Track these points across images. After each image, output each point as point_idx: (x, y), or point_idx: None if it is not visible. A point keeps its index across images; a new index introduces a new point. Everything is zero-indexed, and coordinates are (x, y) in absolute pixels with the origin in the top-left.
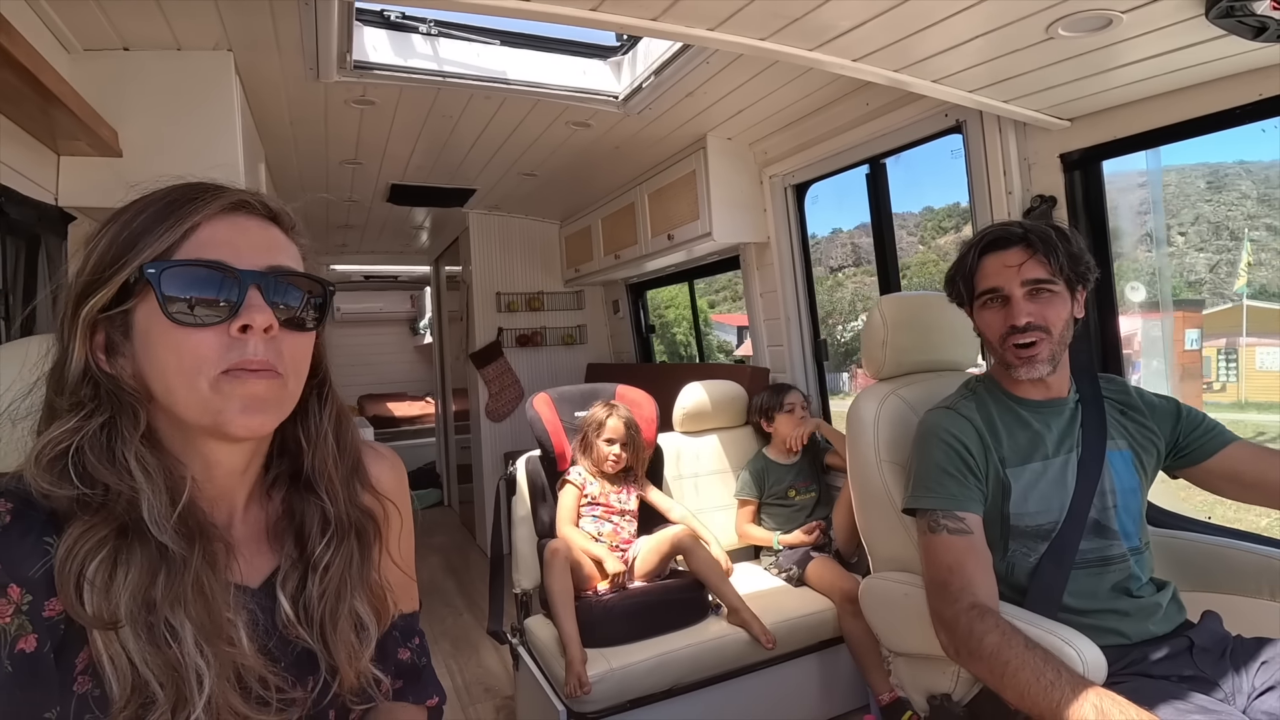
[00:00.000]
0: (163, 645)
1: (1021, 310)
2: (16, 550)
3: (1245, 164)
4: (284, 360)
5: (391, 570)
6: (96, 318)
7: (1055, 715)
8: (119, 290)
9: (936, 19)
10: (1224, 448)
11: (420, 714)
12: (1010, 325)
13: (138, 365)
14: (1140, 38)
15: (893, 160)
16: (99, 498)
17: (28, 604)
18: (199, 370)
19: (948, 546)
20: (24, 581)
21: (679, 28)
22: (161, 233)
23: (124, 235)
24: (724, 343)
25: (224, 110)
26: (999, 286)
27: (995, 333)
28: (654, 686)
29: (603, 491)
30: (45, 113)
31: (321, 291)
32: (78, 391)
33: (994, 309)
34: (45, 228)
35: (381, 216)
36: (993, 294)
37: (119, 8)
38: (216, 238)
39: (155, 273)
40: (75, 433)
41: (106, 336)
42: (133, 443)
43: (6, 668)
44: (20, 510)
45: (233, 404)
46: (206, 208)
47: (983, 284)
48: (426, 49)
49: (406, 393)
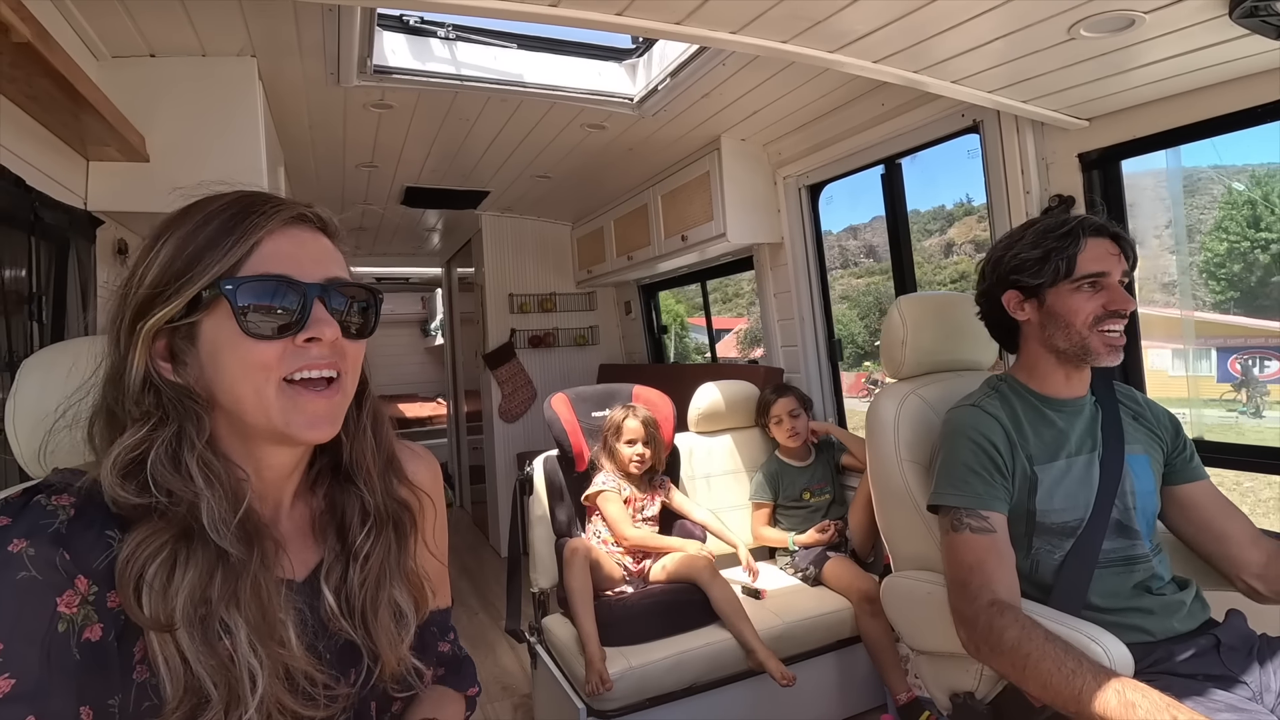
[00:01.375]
0: (217, 646)
1: (1123, 298)
2: (81, 542)
3: (1220, 168)
4: (345, 361)
5: (428, 560)
6: (161, 328)
7: (1078, 703)
8: (188, 303)
9: (957, 21)
10: (1195, 481)
11: (460, 701)
12: (1114, 310)
13: (204, 374)
14: (1162, 38)
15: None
16: (164, 504)
17: (94, 594)
18: (266, 378)
19: (970, 545)
20: (90, 573)
21: (703, 31)
22: (229, 247)
23: (189, 249)
24: (700, 344)
25: (247, 115)
26: (1106, 271)
27: (1085, 317)
28: (673, 685)
29: (632, 496)
30: (76, 118)
31: (372, 299)
32: (142, 400)
33: (1088, 293)
34: (75, 232)
35: (394, 219)
36: (1096, 278)
37: (147, 15)
38: (280, 251)
39: (232, 289)
40: (146, 442)
41: (169, 346)
42: (198, 449)
43: (75, 656)
44: (82, 505)
45: (301, 417)
46: (269, 221)
47: (1089, 266)
48: (444, 53)
49: (418, 394)
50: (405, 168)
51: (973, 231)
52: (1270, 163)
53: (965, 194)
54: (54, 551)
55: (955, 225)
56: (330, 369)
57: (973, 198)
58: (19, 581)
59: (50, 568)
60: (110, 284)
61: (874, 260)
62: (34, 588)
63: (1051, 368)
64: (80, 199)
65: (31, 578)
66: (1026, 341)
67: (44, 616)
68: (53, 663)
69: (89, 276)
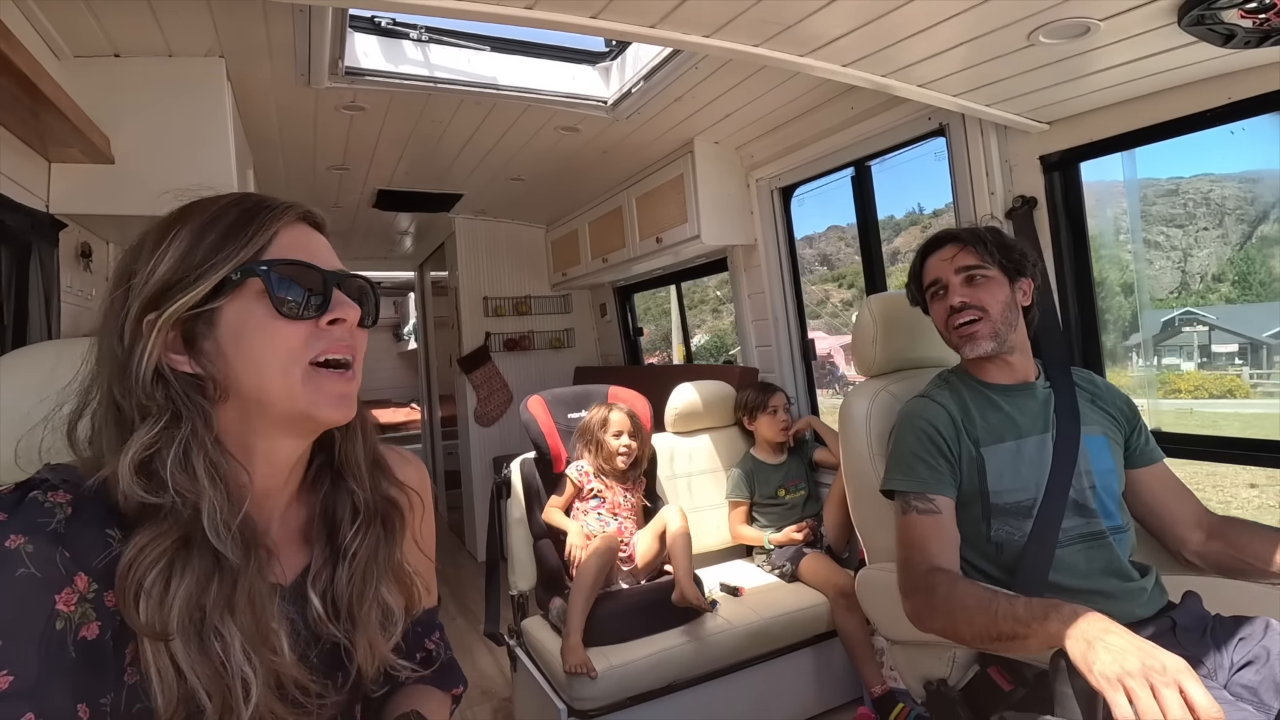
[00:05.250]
0: (212, 655)
1: (955, 294)
2: (81, 541)
3: (1177, 179)
4: (358, 347)
5: (416, 557)
6: (180, 317)
7: (995, 625)
8: (214, 288)
9: (923, 26)
10: (1152, 464)
11: (445, 699)
12: (949, 307)
13: (226, 360)
14: (1116, 44)
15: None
16: (169, 503)
17: (93, 592)
18: (293, 359)
19: (916, 525)
20: (90, 570)
21: (677, 34)
22: (251, 234)
23: (210, 238)
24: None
25: (215, 117)
26: (939, 278)
27: (942, 320)
28: (654, 683)
29: (607, 487)
30: (37, 118)
31: (373, 292)
32: (153, 394)
33: (939, 300)
34: (37, 235)
35: (366, 222)
36: (935, 285)
37: (111, 14)
38: (295, 243)
39: (266, 269)
40: (159, 439)
41: (183, 336)
42: (206, 446)
43: (71, 654)
44: (80, 502)
45: (324, 398)
46: (284, 215)
47: (926, 278)
48: (417, 55)
49: (391, 400)
50: (377, 170)
51: (916, 240)
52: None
53: (917, 203)
54: (53, 549)
55: (901, 235)
56: (349, 352)
57: (924, 207)
58: (17, 579)
59: (49, 565)
60: (74, 288)
61: (827, 268)
62: (33, 585)
63: (984, 361)
64: (42, 201)
65: (30, 574)
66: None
67: (42, 614)
68: (50, 660)
69: (52, 280)
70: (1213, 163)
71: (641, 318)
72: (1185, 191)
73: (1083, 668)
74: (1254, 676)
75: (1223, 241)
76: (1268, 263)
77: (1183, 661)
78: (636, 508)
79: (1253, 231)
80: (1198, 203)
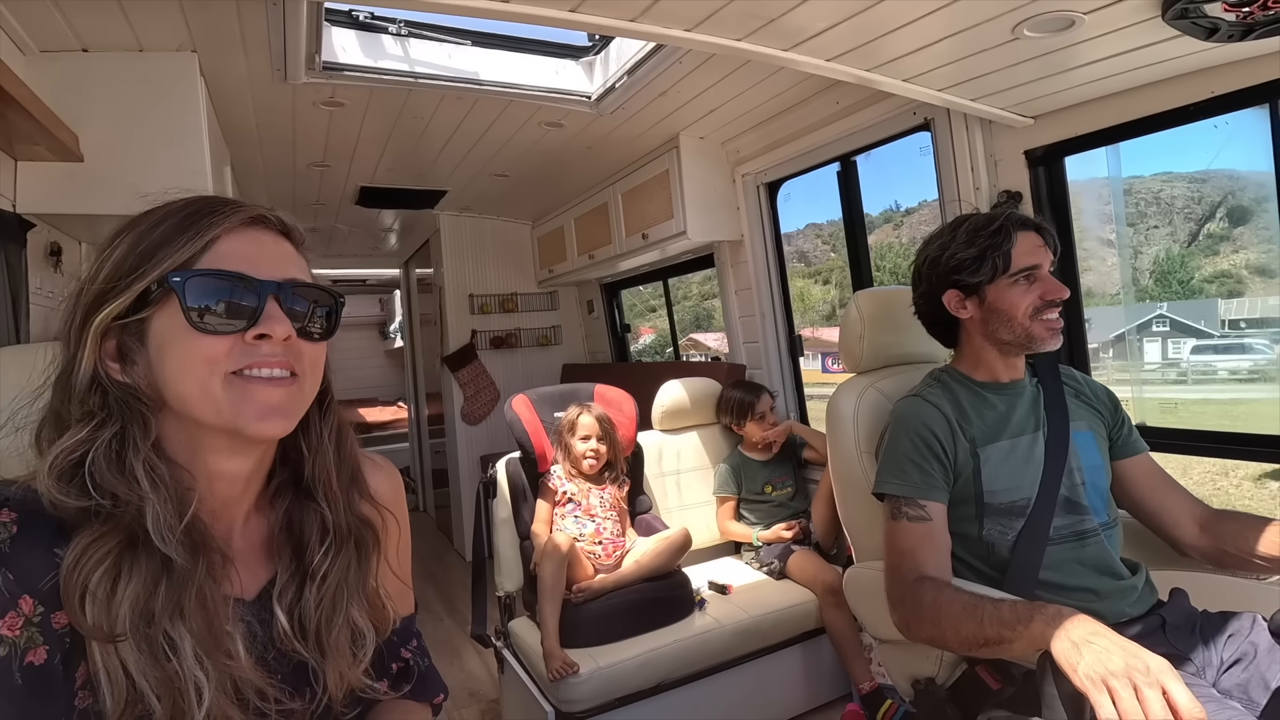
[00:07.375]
0: (162, 658)
1: (1059, 286)
2: (26, 561)
3: (1140, 178)
4: (302, 362)
5: (390, 579)
6: (109, 326)
7: (981, 630)
8: (136, 299)
9: (906, 20)
10: (1135, 455)
11: (425, 710)
12: (1050, 300)
13: (152, 372)
14: (1100, 38)
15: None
16: (107, 508)
17: (39, 615)
18: (210, 371)
19: (906, 532)
20: (35, 593)
21: (656, 28)
22: (183, 243)
23: (143, 245)
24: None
25: (189, 113)
26: (1038, 263)
27: (1023, 308)
28: (641, 684)
29: (580, 490)
30: (2, 116)
31: (332, 302)
32: (87, 400)
33: (1024, 285)
34: (3, 236)
35: (349, 219)
36: (1030, 271)
37: (77, 8)
38: (236, 250)
39: (180, 281)
40: (88, 442)
41: (118, 345)
42: (143, 452)
43: (17, 680)
44: (26, 520)
45: (250, 408)
46: (226, 221)
47: (1023, 260)
48: (397, 50)
49: (378, 398)
50: (359, 167)
51: (888, 238)
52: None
53: (894, 200)
54: None
55: (874, 232)
56: (282, 368)
57: (901, 204)
58: None
59: None
60: (44, 289)
61: (804, 264)
62: None
63: (994, 358)
64: (9, 201)
65: None
66: (969, 337)
67: None
68: None
69: (20, 282)
70: (1172, 161)
71: (628, 313)
72: (1138, 190)
73: (1067, 668)
74: (1242, 674)
75: (1171, 239)
76: (1186, 264)
77: (1166, 662)
78: (617, 507)
79: (1199, 230)
80: (1149, 201)
